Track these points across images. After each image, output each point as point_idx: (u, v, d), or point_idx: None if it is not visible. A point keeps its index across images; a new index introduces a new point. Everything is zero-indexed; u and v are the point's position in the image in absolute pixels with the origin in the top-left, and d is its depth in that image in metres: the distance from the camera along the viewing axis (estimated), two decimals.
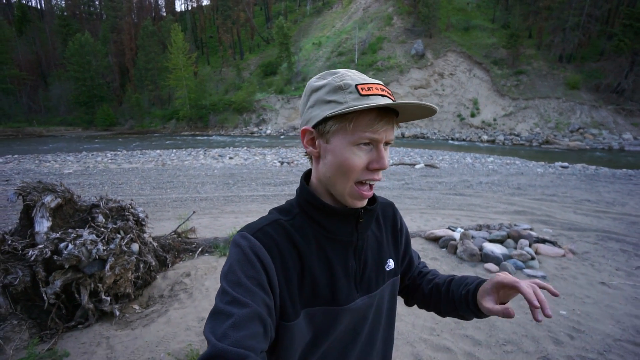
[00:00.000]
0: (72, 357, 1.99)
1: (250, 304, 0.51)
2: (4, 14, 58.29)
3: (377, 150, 0.59)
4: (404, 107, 0.58)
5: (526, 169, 11.78)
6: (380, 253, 0.71)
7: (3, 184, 8.61)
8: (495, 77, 32.76)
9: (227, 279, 0.54)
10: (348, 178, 0.59)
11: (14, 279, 2.13)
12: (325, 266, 0.62)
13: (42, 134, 38.63)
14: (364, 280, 0.67)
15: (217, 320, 0.49)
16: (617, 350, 2.19)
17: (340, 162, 0.59)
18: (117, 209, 2.99)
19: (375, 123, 0.57)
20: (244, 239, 0.58)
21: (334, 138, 0.59)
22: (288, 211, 0.65)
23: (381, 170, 0.59)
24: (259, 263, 0.55)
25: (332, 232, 0.63)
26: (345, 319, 0.64)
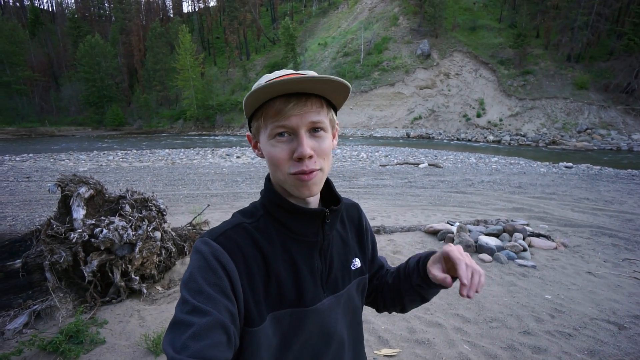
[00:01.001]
0: (111, 324, 2.29)
1: (212, 312, 0.49)
2: (18, 17, 59.80)
3: (297, 137, 0.56)
4: (302, 85, 0.54)
5: (529, 169, 11.91)
6: (345, 253, 0.70)
7: (24, 180, 9.06)
8: (502, 77, 32.66)
9: (188, 287, 0.52)
10: (280, 171, 0.58)
11: (59, 258, 2.44)
12: (291, 268, 0.61)
13: (53, 133, 39.60)
14: (330, 280, 0.66)
15: (176, 331, 0.47)
16: (591, 327, 2.43)
17: (268, 158, 0.59)
18: (141, 200, 3.30)
19: (283, 109, 0.55)
20: (205, 245, 0.56)
21: (259, 136, 0.62)
22: (252, 214, 0.64)
23: (304, 158, 0.56)
24: (221, 269, 0.54)
25: (297, 232, 0.62)
26: (313, 320, 0.62)
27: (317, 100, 0.58)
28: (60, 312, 2.31)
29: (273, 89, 0.54)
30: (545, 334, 2.33)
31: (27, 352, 1.94)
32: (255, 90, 0.54)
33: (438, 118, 33.22)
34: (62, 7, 69.67)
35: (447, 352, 2.12)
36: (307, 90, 0.56)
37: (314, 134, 0.58)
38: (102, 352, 2.03)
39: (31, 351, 1.95)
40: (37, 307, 2.35)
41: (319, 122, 0.58)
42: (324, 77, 0.53)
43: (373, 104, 36.03)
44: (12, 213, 5.70)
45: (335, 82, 0.55)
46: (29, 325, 2.23)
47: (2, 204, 6.38)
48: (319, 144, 0.58)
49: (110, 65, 49.92)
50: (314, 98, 0.57)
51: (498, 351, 2.13)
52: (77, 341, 2.05)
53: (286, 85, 0.53)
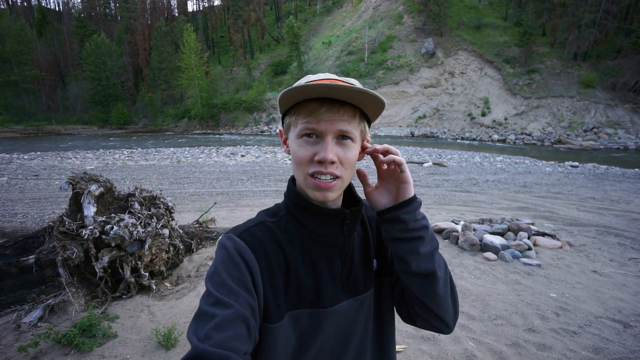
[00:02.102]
0: (122, 319, 2.35)
1: (234, 305, 0.50)
2: (25, 16, 60.45)
3: (323, 142, 0.57)
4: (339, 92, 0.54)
5: (535, 168, 11.84)
6: (367, 254, 0.69)
7: (33, 178, 9.20)
8: (507, 75, 32.40)
9: (212, 281, 0.54)
10: (300, 171, 0.60)
11: (71, 254, 2.50)
12: (310, 268, 0.62)
13: (60, 132, 40.03)
14: (350, 282, 0.65)
15: (200, 321, 0.49)
16: (596, 325, 2.44)
17: (293, 155, 0.61)
18: (149, 198, 3.36)
19: (316, 111, 0.56)
20: (230, 240, 0.58)
21: (289, 133, 0.63)
22: (275, 213, 0.66)
23: (324, 162, 0.57)
24: (244, 264, 0.56)
25: (318, 233, 0.63)
26: (331, 322, 0.62)
27: (350, 109, 0.58)
28: (73, 307, 2.37)
29: (310, 91, 0.55)
30: (550, 331, 2.35)
31: (43, 344, 2.00)
32: (293, 88, 0.55)
33: (442, 117, 33.07)
34: (68, 6, 70.29)
35: (453, 348, 2.15)
36: (343, 97, 0.57)
37: (341, 142, 0.59)
38: (114, 345, 2.09)
39: (47, 344, 2.01)
40: (51, 302, 2.41)
41: (347, 132, 0.58)
42: (359, 89, 0.54)
43: None
44: (22, 210, 5.80)
45: (370, 96, 0.55)
46: (44, 319, 2.30)
47: (13, 202, 6.50)
48: (344, 152, 0.59)
49: (116, 64, 50.31)
50: (348, 107, 0.58)
51: (503, 348, 2.15)
52: (90, 335, 2.11)
53: (323, 90, 0.54)
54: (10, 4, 66.79)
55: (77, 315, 2.28)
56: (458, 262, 3.55)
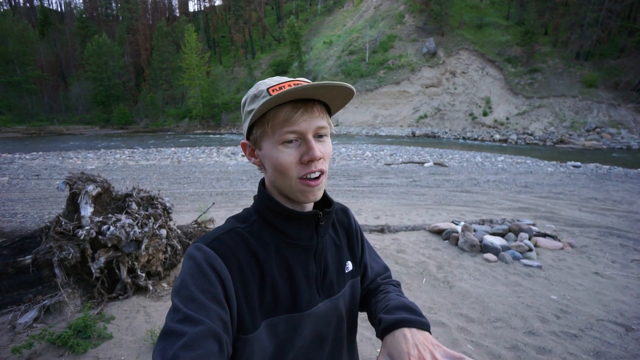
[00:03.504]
0: (118, 320, 2.33)
1: (204, 321, 0.48)
2: (28, 17, 60.70)
3: (305, 141, 0.57)
4: (313, 92, 0.56)
5: (536, 168, 11.77)
6: (339, 256, 0.70)
7: (34, 178, 9.22)
8: (509, 75, 32.31)
9: (180, 295, 0.50)
10: (288, 177, 0.58)
11: (68, 254, 2.49)
12: (286, 272, 0.61)
13: (62, 132, 40.16)
14: (326, 283, 0.66)
15: (167, 341, 0.46)
16: (598, 328, 2.40)
17: (274, 164, 0.59)
18: (147, 198, 3.34)
19: (292, 116, 0.56)
20: (199, 251, 0.55)
21: (262, 143, 0.60)
22: (245, 218, 0.64)
23: (313, 161, 0.57)
24: (215, 275, 0.53)
25: (292, 237, 0.62)
26: (309, 325, 0.62)
27: (321, 107, 0.60)
28: (68, 308, 2.36)
29: (285, 97, 0.55)
30: (550, 334, 2.32)
31: (38, 345, 1.99)
32: (269, 100, 0.54)
33: (444, 117, 32.99)
34: (70, 7, 70.54)
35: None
36: (315, 96, 0.58)
37: (318, 139, 0.60)
38: (109, 346, 2.07)
39: (41, 345, 2.00)
40: (47, 302, 2.40)
41: (323, 127, 0.60)
42: (339, 84, 0.55)
43: (378, 103, 35.91)
44: (22, 210, 5.81)
45: (344, 89, 0.57)
46: (39, 319, 2.28)
47: (13, 202, 6.51)
48: (324, 147, 0.60)
49: (117, 64, 50.45)
50: (318, 104, 0.59)
51: (502, 351, 2.12)
52: (85, 336, 2.09)
53: (299, 92, 0.54)
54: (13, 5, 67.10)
55: (73, 316, 2.27)
56: (458, 263, 3.52)
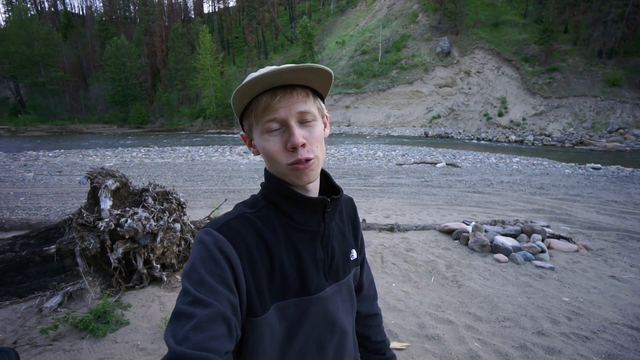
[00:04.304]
0: (134, 308, 2.44)
1: (214, 304, 0.49)
2: (53, 21, 63.13)
3: (288, 128, 0.57)
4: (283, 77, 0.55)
5: (553, 170, 11.47)
6: (344, 243, 0.72)
7: (57, 174, 9.62)
8: (526, 74, 31.51)
9: (190, 278, 0.51)
10: (278, 164, 0.59)
11: (89, 244, 2.62)
12: (294, 257, 0.62)
13: (82, 131, 41.58)
14: (332, 269, 0.67)
15: (178, 322, 0.47)
16: (611, 331, 2.36)
17: (263, 153, 0.61)
18: (162, 193, 3.46)
19: (270, 103, 0.56)
20: (208, 235, 0.56)
21: (252, 134, 0.63)
22: (253, 204, 0.65)
23: (297, 147, 0.57)
24: (224, 259, 0.53)
25: (300, 222, 0.63)
26: (317, 309, 0.63)
27: (302, 91, 0.59)
28: (89, 295, 2.48)
29: (258, 84, 0.55)
30: (560, 335, 2.29)
31: (62, 328, 2.11)
32: (240, 88, 0.55)
33: (458, 117, 32.48)
34: (91, 10, 72.96)
35: (457, 348, 2.13)
36: (292, 81, 0.57)
37: (304, 124, 0.59)
38: (126, 332, 2.18)
39: (65, 327, 2.12)
40: (70, 289, 2.53)
41: (307, 112, 0.59)
42: (304, 66, 0.53)
43: (391, 103, 35.66)
44: (46, 204, 6.08)
45: (317, 70, 0.56)
46: (63, 304, 2.42)
47: (38, 196, 6.82)
48: (310, 132, 0.59)
49: (135, 65, 51.83)
50: (299, 89, 0.58)
51: (509, 350, 2.11)
52: (104, 321, 2.21)
53: (270, 79, 0.54)
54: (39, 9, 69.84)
55: (93, 303, 2.39)
56: (467, 263, 3.50)
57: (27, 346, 2.05)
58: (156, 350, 2.03)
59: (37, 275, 2.88)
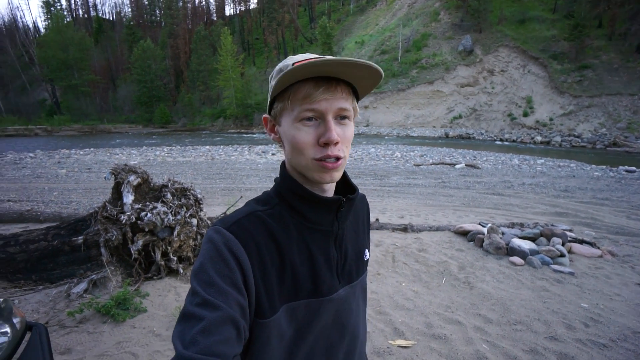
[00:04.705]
0: (151, 297, 2.58)
1: (223, 307, 0.47)
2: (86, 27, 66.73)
3: (324, 122, 0.55)
4: (336, 69, 0.52)
5: (580, 172, 10.92)
6: (358, 243, 0.70)
7: (86, 171, 10.20)
8: (554, 72, 30.12)
9: (198, 279, 0.50)
10: (304, 155, 0.56)
11: (112, 236, 2.79)
12: (306, 257, 0.60)
13: (110, 130, 43.64)
14: (345, 270, 0.65)
15: (186, 324, 0.46)
16: (633, 340, 2.25)
17: (291, 141, 0.57)
18: (180, 189, 3.61)
19: (313, 93, 0.53)
20: (218, 234, 0.54)
21: (282, 119, 0.59)
22: (266, 201, 0.62)
23: (331, 144, 0.55)
24: (234, 260, 0.52)
25: (313, 221, 0.61)
26: (328, 311, 0.62)
27: (345, 87, 0.57)
28: (111, 283, 2.65)
29: (306, 71, 0.52)
30: (575, 341, 2.21)
31: (87, 312, 2.27)
32: (288, 72, 0.51)
33: (480, 117, 31.51)
34: (120, 15, 76.48)
35: (464, 348, 2.10)
36: (339, 75, 0.55)
37: (340, 121, 0.57)
38: (143, 318, 2.31)
39: (89, 311, 2.28)
40: (94, 277, 2.71)
41: (346, 110, 0.56)
42: (360, 62, 0.51)
43: (410, 103, 35.10)
44: (76, 199, 6.48)
45: (371, 69, 0.53)
46: (88, 291, 2.59)
47: (69, 191, 7.27)
48: (344, 131, 0.57)
49: (159, 67, 53.87)
50: (343, 85, 0.56)
51: (519, 353, 2.07)
52: (124, 307, 2.35)
53: (320, 68, 0.51)
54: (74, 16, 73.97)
55: (114, 290, 2.54)
56: (481, 265, 3.43)
57: (57, 327, 2.22)
58: (170, 336, 2.14)
59: (66, 263, 3.10)
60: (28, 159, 13.71)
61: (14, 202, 6.22)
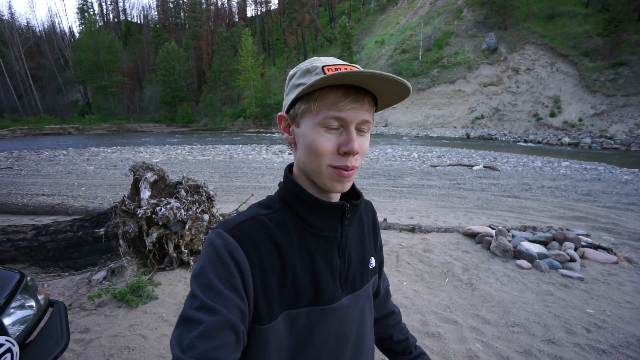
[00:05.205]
0: (163, 286, 2.78)
1: (222, 311, 0.47)
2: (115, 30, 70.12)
3: (347, 132, 0.55)
4: (370, 81, 0.52)
5: (608, 176, 10.37)
6: (362, 251, 0.68)
7: (112, 168, 10.80)
8: (585, 70, 28.57)
9: (198, 282, 0.50)
10: (320, 161, 0.56)
11: (129, 229, 3.01)
12: (308, 264, 0.59)
13: (136, 129, 45.65)
14: (349, 278, 0.64)
15: (184, 327, 0.46)
16: (636, 347, 2.19)
17: (309, 145, 0.56)
18: (194, 186, 3.82)
19: (341, 101, 0.53)
20: (219, 237, 0.54)
21: (302, 120, 0.57)
22: (269, 205, 0.62)
23: (352, 154, 0.55)
24: (234, 264, 0.52)
25: (317, 227, 0.60)
26: (330, 320, 0.60)
27: (371, 100, 0.57)
28: (127, 272, 2.87)
29: (340, 79, 0.51)
30: (573, 345, 2.19)
31: (104, 297, 2.49)
32: (324, 78, 0.50)
33: (503, 117, 30.45)
34: (147, 19, 79.68)
35: (456, 347, 2.14)
36: (369, 86, 0.54)
37: (360, 133, 0.57)
38: (154, 305, 2.50)
39: (107, 297, 2.50)
40: (113, 266, 2.94)
41: (368, 122, 0.57)
42: (395, 78, 0.50)
43: (430, 103, 34.43)
44: (101, 194, 6.91)
45: (404, 86, 0.53)
46: (106, 278, 2.82)
47: (96, 187, 7.76)
48: (362, 143, 0.57)
49: (183, 68, 55.68)
50: (369, 96, 0.56)
51: (512, 354, 2.08)
52: (137, 294, 2.55)
53: (355, 78, 0.51)
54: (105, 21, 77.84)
55: (130, 279, 2.75)
56: (486, 267, 3.40)
57: (78, 309, 2.45)
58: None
59: (89, 253, 3.37)
60: (61, 156, 14.67)
61: (47, 196, 6.72)
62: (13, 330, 1.27)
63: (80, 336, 2.14)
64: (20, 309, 1.36)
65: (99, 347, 2.04)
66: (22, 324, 1.33)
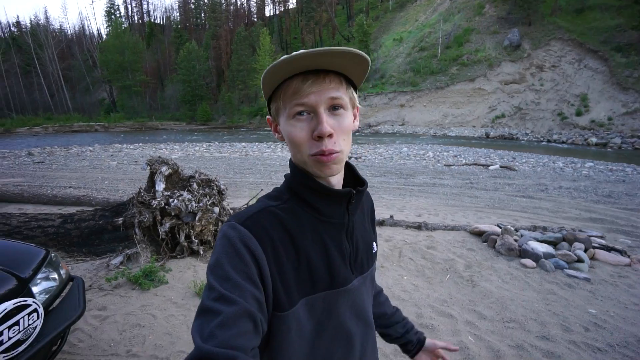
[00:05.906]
0: (173, 272, 2.97)
1: (239, 301, 0.48)
2: (139, 31, 72.74)
3: (317, 116, 0.55)
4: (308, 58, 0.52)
5: (635, 177, 9.88)
6: (366, 236, 0.71)
7: (134, 163, 11.32)
8: (617, 66, 27.09)
9: (214, 274, 0.51)
10: (301, 152, 0.57)
11: (144, 218, 3.23)
12: (321, 249, 0.60)
13: (157, 127, 47.25)
14: (358, 261, 0.66)
15: (204, 318, 0.48)
16: (635, 347, 2.16)
17: (288, 139, 0.58)
18: (206, 180, 4.01)
19: (301, 87, 0.54)
20: (233, 229, 0.55)
21: (279, 118, 0.60)
22: (277, 197, 0.63)
23: (324, 137, 0.54)
24: (249, 254, 0.53)
25: (325, 214, 0.62)
26: (345, 301, 0.63)
27: (335, 77, 0.56)
28: (142, 258, 3.08)
29: (290, 66, 0.52)
30: (567, 342, 2.19)
31: (120, 279, 2.71)
32: (271, 68, 0.52)
33: (525, 116, 29.39)
34: (169, 20, 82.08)
35: (448, 339, 2.19)
36: (325, 66, 0.54)
37: (333, 112, 0.56)
38: (164, 289, 2.69)
39: (122, 279, 2.71)
40: (129, 252, 3.17)
41: (338, 99, 0.56)
42: (340, 49, 0.51)
43: (449, 101, 33.68)
44: (122, 188, 7.30)
45: (353, 55, 0.53)
46: (123, 263, 3.05)
47: (117, 181, 8.19)
48: (339, 122, 0.56)
49: (203, 67, 57.04)
50: (333, 75, 0.56)
51: (503, 348, 2.11)
52: (150, 279, 2.75)
53: (302, 61, 0.52)
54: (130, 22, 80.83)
55: (144, 264, 2.96)
56: (489, 265, 3.40)
57: (97, 289, 2.67)
58: (184, 305, 2.49)
59: (109, 240, 3.62)
60: (88, 152, 15.49)
61: (74, 188, 7.18)
62: (39, 298, 1.46)
63: (97, 313, 2.35)
64: (46, 280, 1.55)
65: (114, 323, 2.24)
66: (47, 293, 1.52)
